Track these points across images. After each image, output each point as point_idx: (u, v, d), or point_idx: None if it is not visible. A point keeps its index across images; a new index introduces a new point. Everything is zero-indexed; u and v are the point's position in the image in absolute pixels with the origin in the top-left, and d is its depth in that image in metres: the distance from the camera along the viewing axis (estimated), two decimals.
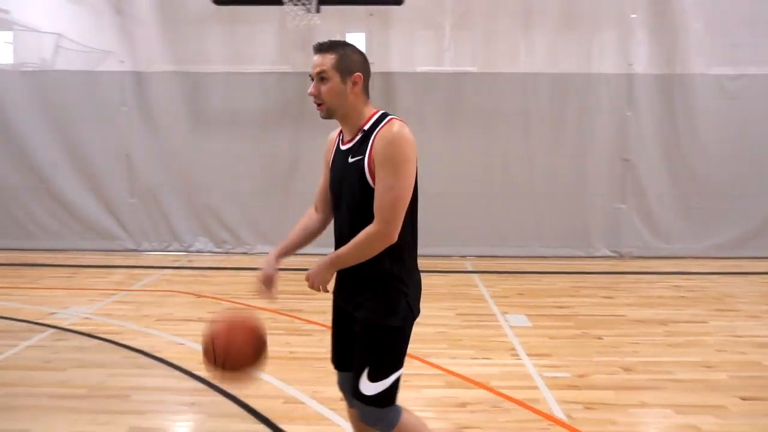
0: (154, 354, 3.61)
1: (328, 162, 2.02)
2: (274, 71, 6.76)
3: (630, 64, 6.61)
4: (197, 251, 7.00)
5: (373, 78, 6.55)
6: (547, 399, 3.02)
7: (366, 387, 1.79)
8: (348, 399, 2.03)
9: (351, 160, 1.81)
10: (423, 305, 1.94)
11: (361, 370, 1.81)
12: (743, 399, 3.04)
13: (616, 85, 6.65)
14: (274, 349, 3.69)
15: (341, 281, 1.97)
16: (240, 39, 6.73)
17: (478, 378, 3.29)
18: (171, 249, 7.03)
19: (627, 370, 3.46)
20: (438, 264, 6.43)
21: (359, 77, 1.79)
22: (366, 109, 1.84)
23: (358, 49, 1.84)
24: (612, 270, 6.24)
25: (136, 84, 6.84)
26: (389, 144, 1.71)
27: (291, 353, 3.67)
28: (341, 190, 1.87)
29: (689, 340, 4.02)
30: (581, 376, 3.35)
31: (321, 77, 1.78)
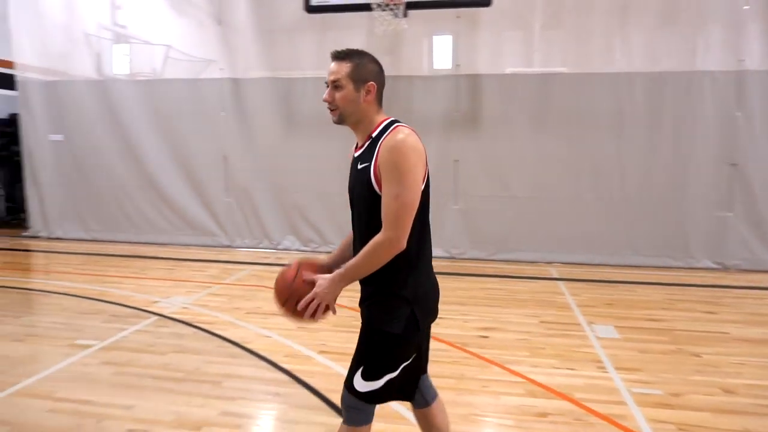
0: (244, 345, 3.83)
1: None
2: None
3: (741, 60, 6.09)
4: (285, 249, 7.32)
5: (460, 80, 6.56)
6: (636, 416, 2.87)
7: (360, 384, 1.83)
8: (416, 398, 2.07)
9: (360, 166, 1.84)
10: (503, 310, 1.94)
11: (358, 366, 1.85)
12: None
13: (723, 84, 6.15)
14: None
15: (362, 292, 1.96)
16: (330, 45, 6.89)
17: (560, 388, 3.19)
18: (262, 246, 7.40)
19: (728, 392, 3.20)
20: (522, 269, 6.28)
21: (372, 86, 1.82)
22: (377, 117, 1.86)
23: (374, 59, 1.88)
24: (714, 283, 5.78)
25: (233, 90, 7.28)
26: (393, 152, 1.72)
27: None
28: (353, 197, 1.90)
29: None
30: (675, 394, 3.14)
31: (335, 85, 1.81)
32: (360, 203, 1.85)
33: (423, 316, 1.84)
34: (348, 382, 1.87)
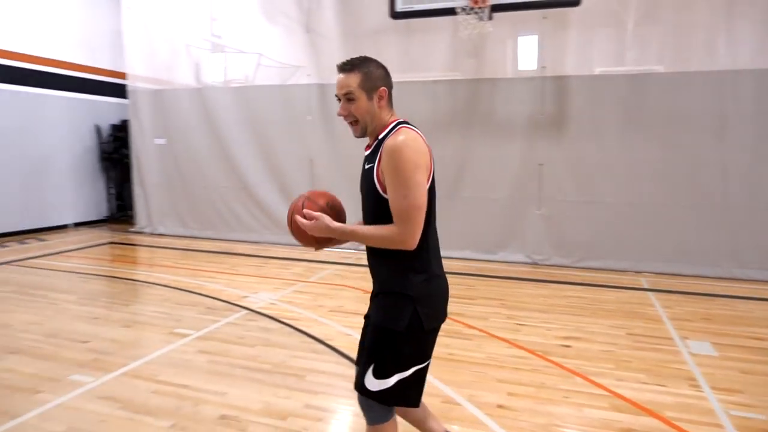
0: (326, 341, 3.98)
1: None
2: (444, 78, 6.94)
3: None
4: (365, 250, 7.46)
5: (545, 82, 6.40)
6: None
7: (371, 383, 1.86)
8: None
9: (366, 166, 1.89)
10: (587, 320, 1.91)
11: (368, 366, 1.87)
12: None
13: None
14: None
15: (373, 281, 2.01)
16: (413, 49, 7.03)
17: (648, 405, 3.04)
18: (344, 246, 7.59)
19: None
20: (609, 278, 6.02)
21: (384, 91, 1.86)
22: (388, 119, 1.89)
23: (379, 64, 1.90)
24: None
25: (319, 95, 7.55)
26: (393, 155, 1.74)
27: (450, 355, 3.76)
28: (362, 193, 1.96)
29: None
30: None
31: (348, 98, 1.84)
32: (367, 202, 1.91)
33: (427, 316, 1.85)
34: (359, 382, 1.92)
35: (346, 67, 1.85)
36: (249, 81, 8.26)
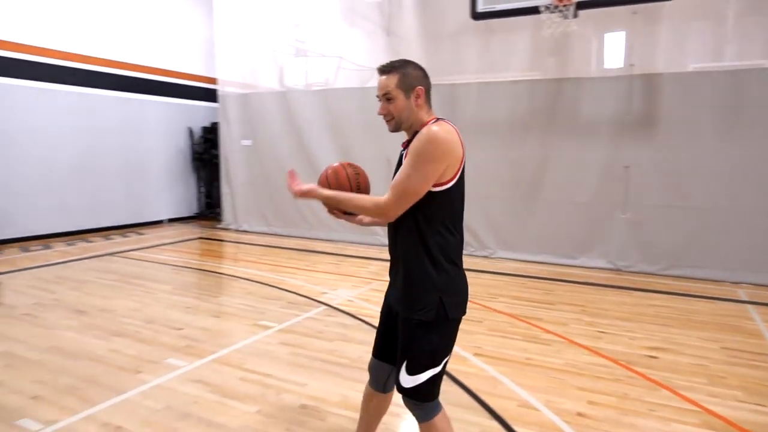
0: None
1: None
2: (524, 79, 6.81)
3: None
4: None
5: (633, 80, 6.12)
6: None
7: (405, 379, 1.94)
8: (372, 379, 2.24)
9: (401, 155, 2.03)
10: (676, 331, 1.83)
11: (402, 362, 1.95)
12: None
13: None
14: (509, 353, 3.79)
15: (391, 280, 2.12)
16: (493, 49, 6.95)
17: (746, 425, 2.84)
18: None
19: None
20: (701, 288, 5.66)
21: (421, 90, 1.94)
22: (426, 117, 1.97)
23: (417, 65, 1.99)
24: None
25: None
26: (421, 139, 1.84)
27: (527, 359, 3.70)
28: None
29: None
30: None
31: (387, 97, 1.94)
32: None
33: (451, 305, 1.91)
34: (395, 380, 1.99)
35: (385, 69, 1.96)
36: (329, 84, 8.51)
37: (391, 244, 2.07)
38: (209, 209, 10.79)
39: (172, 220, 10.34)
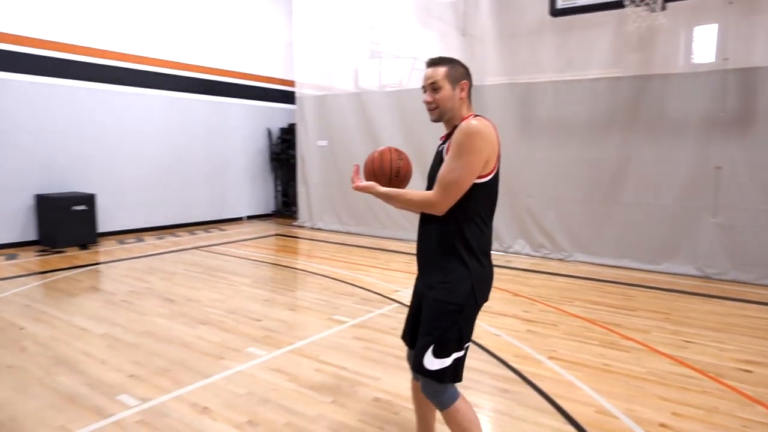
0: (475, 339, 4.02)
1: None
2: (605, 76, 6.56)
3: None
4: (515, 253, 7.35)
5: (727, 75, 5.77)
6: None
7: (430, 362, 1.99)
8: (414, 372, 2.26)
9: (440, 149, 2.12)
10: None
11: (428, 345, 2.00)
12: None
13: None
14: (587, 358, 3.69)
15: (421, 268, 2.16)
16: (572, 46, 6.74)
17: None
18: (492, 248, 7.55)
19: None
20: None
21: (466, 84, 2.04)
22: (466, 112, 2.06)
23: (463, 64, 2.08)
24: None
25: (474, 96, 7.47)
26: (461, 132, 1.93)
27: (605, 365, 3.57)
28: (431, 177, 2.11)
29: None
30: None
31: (434, 87, 2.02)
32: (434, 181, 2.04)
33: (481, 293, 2.03)
34: (418, 364, 2.02)
35: (434, 62, 2.06)
36: (403, 85, 8.58)
37: (424, 233, 2.14)
38: (285, 207, 11.18)
39: (250, 217, 10.82)
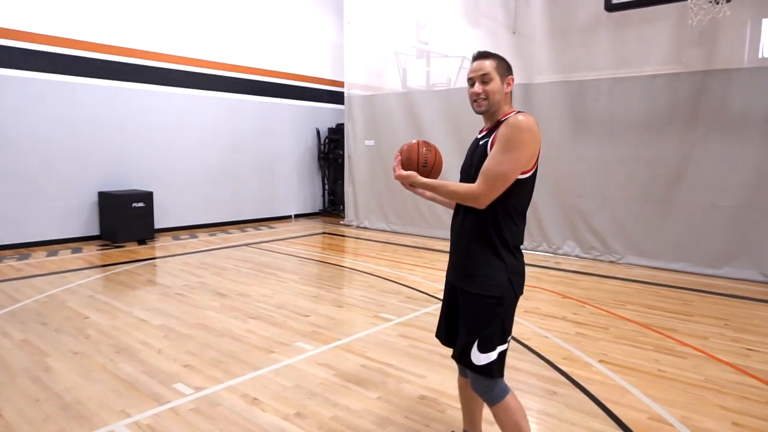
0: (522, 341, 3.96)
1: None
2: (663, 73, 6.31)
3: None
4: (565, 254, 7.18)
5: None
6: None
7: (477, 357, 2.00)
8: (460, 368, 2.33)
9: (481, 143, 2.09)
10: None
11: (472, 341, 2.01)
12: None
13: None
14: (640, 363, 3.58)
15: (456, 261, 2.16)
16: (628, 42, 6.53)
17: None
18: (540, 249, 7.41)
19: None
20: None
21: (512, 80, 2.07)
22: (509, 108, 2.08)
23: (507, 60, 2.10)
24: None
25: (523, 95, 7.42)
26: (511, 127, 1.92)
27: (659, 371, 3.45)
28: (468, 171, 2.11)
29: None
30: None
31: (484, 79, 2.02)
32: (474, 175, 2.03)
33: (518, 285, 2.05)
34: (465, 361, 2.03)
35: (483, 55, 2.07)
36: (451, 84, 8.54)
37: (459, 227, 2.14)
38: (332, 206, 11.33)
39: (298, 215, 11.02)
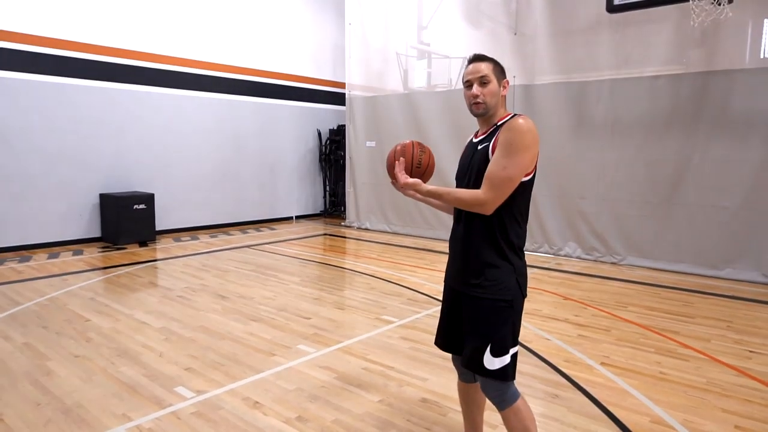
0: (524, 343, 3.95)
1: None
2: (664, 73, 6.31)
3: None
4: (566, 255, 7.17)
5: None
6: None
7: (490, 362, 1.98)
8: (460, 373, 2.30)
9: (480, 147, 2.07)
10: None
11: (484, 346, 1.98)
12: None
13: None
14: (641, 365, 3.57)
15: (462, 267, 2.10)
16: (629, 43, 6.52)
17: None
18: (541, 251, 7.41)
19: None
20: None
21: (507, 83, 2.09)
22: (504, 111, 2.09)
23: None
24: None
25: (524, 95, 7.43)
26: (511, 130, 1.92)
27: (661, 373, 3.44)
28: (466, 176, 2.10)
29: None
30: None
31: (482, 81, 2.02)
32: (477, 181, 2.02)
33: (524, 286, 2.05)
34: (478, 366, 2.00)
35: (480, 57, 2.07)
36: (453, 85, 8.53)
37: (464, 233, 2.11)
38: (334, 207, 11.33)
39: (299, 216, 11.02)
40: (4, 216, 7.07)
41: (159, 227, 8.48)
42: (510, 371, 2.01)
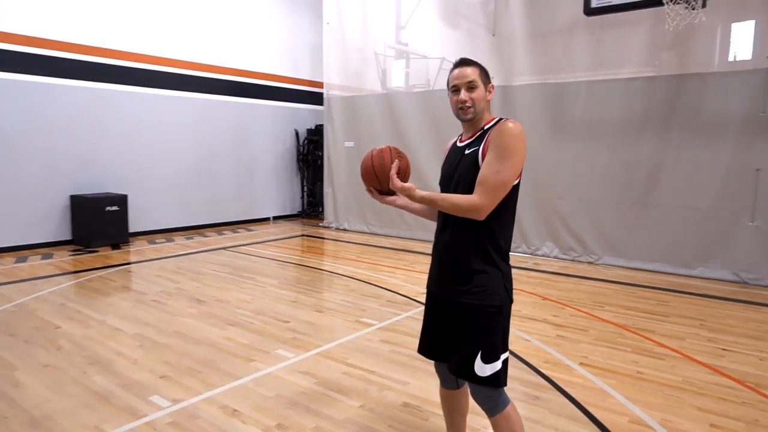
0: None
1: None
2: (639, 76, 6.41)
3: None
4: (543, 255, 7.24)
5: (758, 77, 5.49)
6: None
7: (481, 369, 1.95)
8: (443, 380, 2.29)
9: (467, 152, 2.04)
10: None
11: (475, 352, 1.96)
12: None
13: None
14: (619, 365, 3.60)
15: (446, 273, 2.08)
16: (606, 45, 6.61)
17: None
18: (519, 251, 7.46)
19: None
20: None
21: (492, 87, 2.08)
22: (489, 115, 2.08)
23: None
24: None
25: (502, 96, 7.45)
26: (503, 134, 1.91)
27: (638, 373, 3.48)
28: (453, 180, 2.07)
29: None
30: None
31: (470, 86, 2.01)
32: (462, 185, 2.02)
33: (511, 291, 2.04)
34: (469, 374, 1.98)
35: (466, 62, 2.06)
36: (431, 85, 8.54)
37: (450, 239, 2.07)
38: (312, 208, 11.25)
39: (277, 217, 10.91)
40: None
41: (132, 229, 8.29)
42: (502, 377, 1.99)
